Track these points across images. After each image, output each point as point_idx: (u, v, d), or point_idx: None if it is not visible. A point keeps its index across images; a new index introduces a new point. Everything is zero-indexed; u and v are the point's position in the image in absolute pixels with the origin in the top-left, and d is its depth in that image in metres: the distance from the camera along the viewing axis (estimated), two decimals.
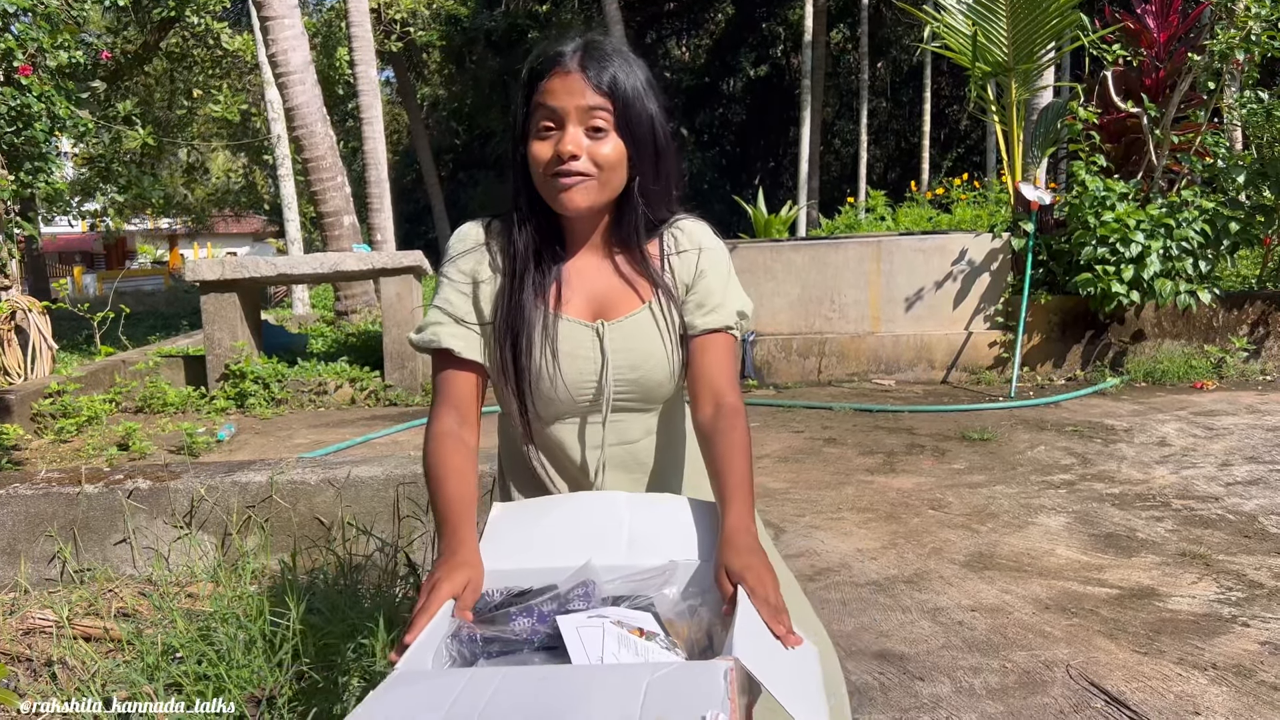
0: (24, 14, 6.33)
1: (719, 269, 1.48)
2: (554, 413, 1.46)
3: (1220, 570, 3.06)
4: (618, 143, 1.36)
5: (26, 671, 2.28)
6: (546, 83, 1.34)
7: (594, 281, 1.47)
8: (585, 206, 1.38)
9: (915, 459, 4.73)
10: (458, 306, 1.45)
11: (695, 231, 1.50)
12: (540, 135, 1.35)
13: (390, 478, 2.92)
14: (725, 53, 24.06)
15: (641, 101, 1.37)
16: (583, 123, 1.34)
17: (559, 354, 1.42)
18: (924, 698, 2.28)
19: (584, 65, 1.33)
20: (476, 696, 0.92)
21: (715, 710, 0.86)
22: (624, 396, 1.46)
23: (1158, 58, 7.58)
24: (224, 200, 26.78)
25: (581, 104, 1.33)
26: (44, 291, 13.44)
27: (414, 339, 1.47)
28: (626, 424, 1.48)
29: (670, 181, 1.46)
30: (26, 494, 2.87)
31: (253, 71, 16.76)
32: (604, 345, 1.43)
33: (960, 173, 15.45)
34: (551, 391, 1.43)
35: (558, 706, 0.90)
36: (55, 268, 27.92)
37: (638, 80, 1.37)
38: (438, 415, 1.41)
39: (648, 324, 1.45)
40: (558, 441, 1.48)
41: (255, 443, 5.63)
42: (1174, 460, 4.47)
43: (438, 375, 1.45)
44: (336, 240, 9.58)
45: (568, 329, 1.43)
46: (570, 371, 1.42)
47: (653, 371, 1.45)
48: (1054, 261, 6.91)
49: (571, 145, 1.33)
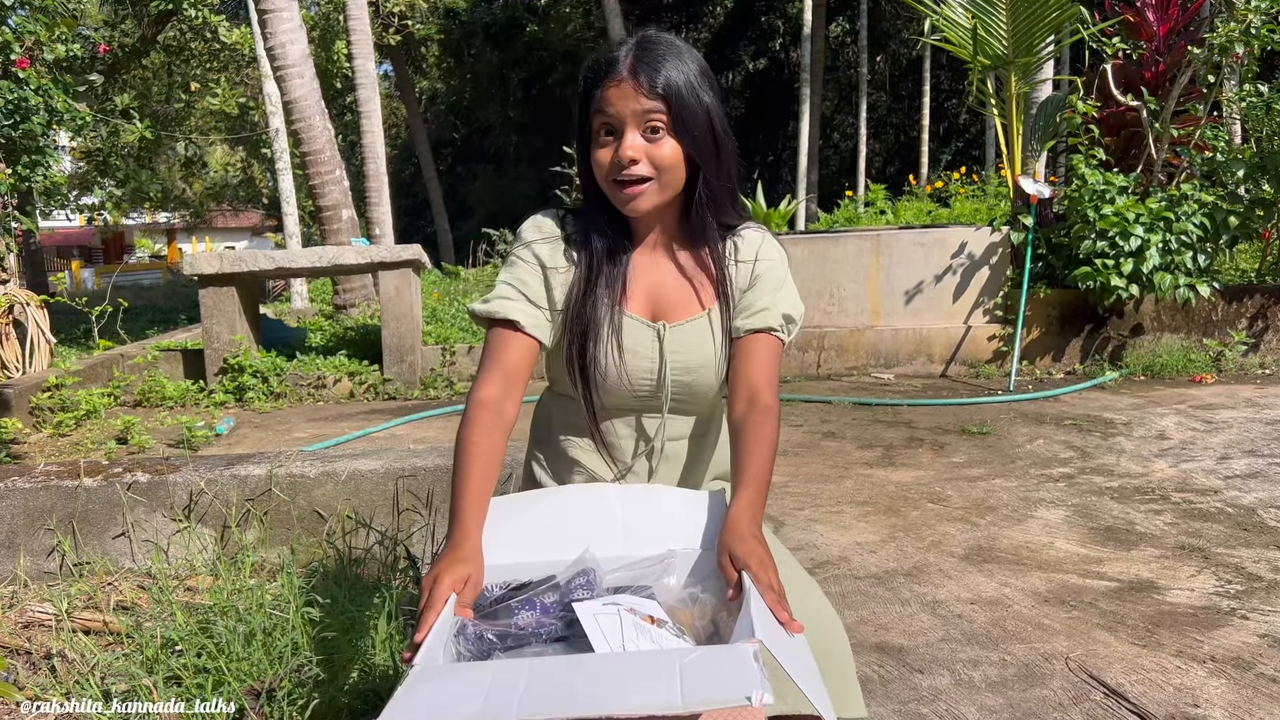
0: (21, 7, 6.31)
1: (775, 274, 1.53)
2: (614, 403, 1.51)
3: (1219, 563, 3.07)
4: (674, 143, 1.40)
5: (26, 664, 2.28)
6: (602, 92, 1.39)
7: (655, 279, 1.52)
8: (649, 209, 1.44)
9: (914, 452, 4.73)
10: (530, 286, 1.49)
11: (755, 239, 1.55)
12: (601, 142, 1.41)
13: (389, 471, 2.92)
14: (724, 46, 24.01)
15: (696, 97, 1.40)
16: (639, 126, 1.38)
17: (622, 348, 1.47)
18: (923, 690, 2.28)
19: (635, 71, 1.37)
20: (510, 687, 0.92)
21: (758, 690, 0.87)
22: (676, 397, 1.51)
23: (1157, 51, 7.56)
24: (222, 194, 26.78)
25: (636, 109, 1.37)
26: (42, 285, 13.43)
27: (478, 309, 1.49)
28: (673, 423, 1.54)
29: (732, 175, 1.50)
30: (25, 487, 2.87)
31: (251, 65, 16.73)
32: (663, 347, 1.48)
33: (959, 166, 15.45)
34: (610, 386, 1.48)
35: (597, 693, 0.90)
36: (53, 262, 27.88)
37: (690, 76, 1.40)
38: (485, 379, 1.44)
39: (704, 331, 1.51)
40: (611, 432, 1.53)
41: (254, 436, 5.63)
42: (1173, 453, 4.48)
43: (494, 340, 1.47)
44: (335, 234, 9.56)
45: (631, 326, 1.49)
46: (632, 366, 1.48)
47: (703, 377, 1.51)
48: (1053, 255, 6.91)
49: (630, 151, 1.38)
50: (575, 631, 1.12)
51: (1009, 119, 7.10)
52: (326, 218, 9.64)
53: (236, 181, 26.40)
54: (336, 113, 19.01)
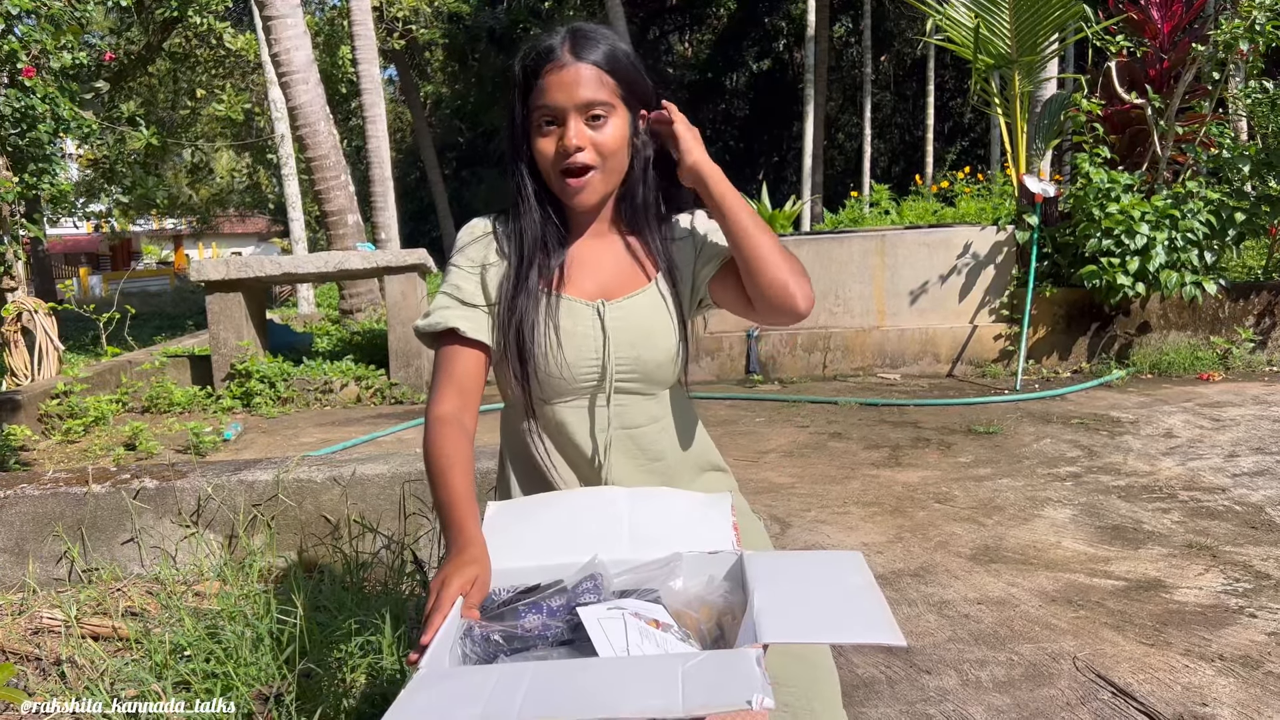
0: (27, 16, 6.33)
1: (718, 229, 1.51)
2: (555, 391, 1.47)
3: (1227, 561, 3.06)
4: (618, 126, 1.41)
5: (35, 670, 2.29)
6: (543, 80, 1.38)
7: (599, 264, 1.50)
8: (594, 202, 1.45)
9: (921, 452, 4.73)
10: (465, 291, 1.48)
11: (690, 218, 1.55)
12: (543, 131, 1.40)
13: (396, 475, 2.93)
14: (728, 47, 24.02)
15: (639, 72, 1.43)
16: (582, 114, 1.38)
17: (560, 331, 1.45)
18: (930, 690, 2.28)
19: (577, 53, 1.37)
20: (512, 690, 0.93)
21: (759, 694, 0.87)
22: (625, 376, 1.47)
23: (1162, 48, 7.55)
24: (228, 200, 26.85)
25: (578, 99, 1.37)
26: (50, 293, 13.48)
27: (420, 324, 1.49)
28: (629, 407, 1.49)
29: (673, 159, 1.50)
30: (34, 494, 2.88)
31: (256, 71, 16.78)
32: (605, 324, 1.45)
33: (964, 166, 15.43)
34: (553, 369, 1.45)
35: (597, 697, 0.90)
36: (61, 269, 28.00)
37: (630, 56, 1.43)
38: (439, 397, 1.43)
39: (650, 303, 1.49)
40: (560, 423, 1.49)
41: (261, 441, 5.65)
42: (1180, 452, 4.46)
43: (441, 356, 1.47)
44: (341, 239, 9.59)
45: (569, 307, 1.46)
46: (570, 349, 1.45)
47: (652, 351, 1.47)
48: (1059, 254, 6.89)
49: (575, 139, 1.38)
50: (581, 635, 1.12)
51: (1013, 118, 7.09)
52: (332, 223, 9.66)
53: (242, 187, 26.46)
54: (342, 118, 19.06)
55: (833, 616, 1.06)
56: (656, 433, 1.52)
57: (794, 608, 1.08)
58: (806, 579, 1.16)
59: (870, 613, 1.04)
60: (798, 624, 1.05)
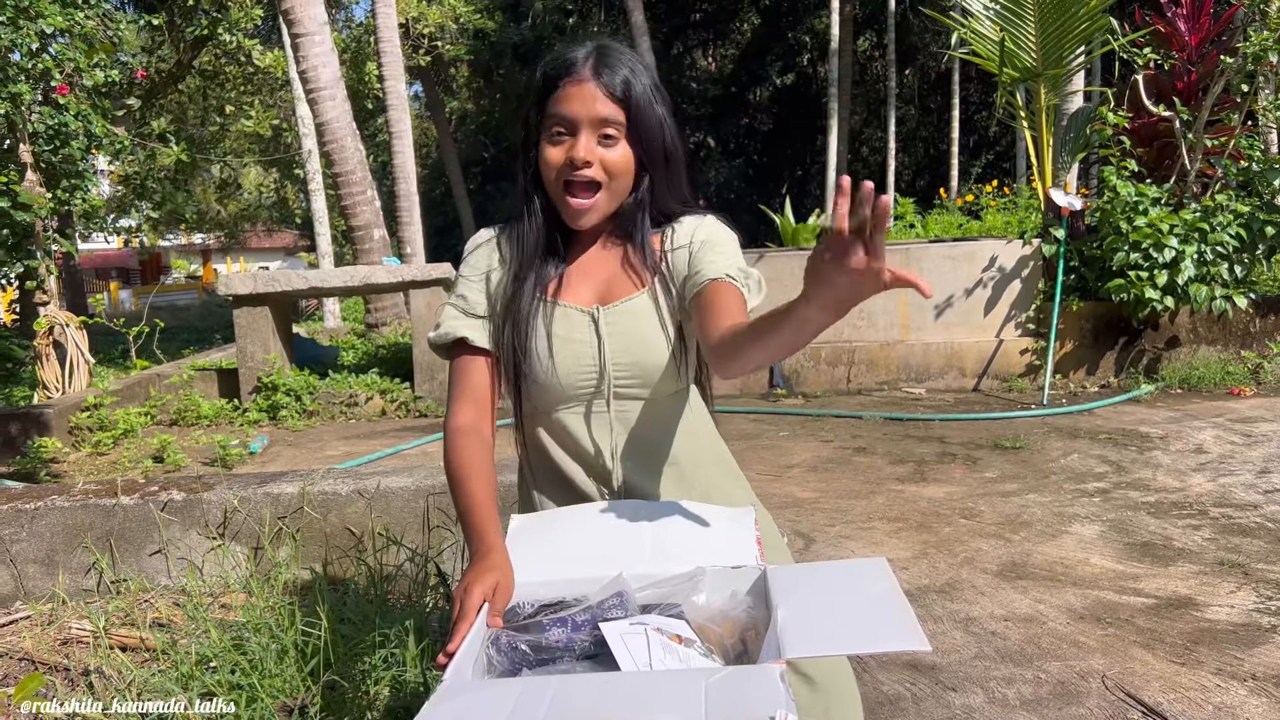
0: (61, 35, 6.45)
1: (715, 242, 1.46)
2: (551, 399, 1.47)
3: (1259, 579, 3.01)
4: (627, 150, 1.40)
5: (64, 681, 2.31)
6: (561, 90, 1.38)
7: (596, 273, 1.50)
8: (594, 224, 1.44)
9: (946, 467, 4.69)
10: (470, 300, 1.50)
11: (691, 224, 1.50)
12: (553, 140, 1.39)
13: (420, 488, 2.94)
14: (751, 62, 24.05)
15: (651, 107, 1.41)
16: (595, 131, 1.38)
17: (553, 337, 1.45)
18: (957, 708, 2.26)
19: (597, 72, 1.37)
20: (535, 704, 0.93)
21: (782, 710, 0.87)
22: (625, 381, 1.46)
23: (1189, 61, 7.49)
24: (256, 215, 27.12)
25: (594, 114, 1.37)
26: (81, 307, 13.67)
27: (431, 337, 1.51)
28: (632, 413, 1.49)
29: (681, 184, 1.49)
30: (64, 505, 2.91)
31: (284, 88, 16.97)
32: (599, 329, 1.45)
33: (990, 179, 15.35)
34: (547, 377, 1.45)
35: (621, 711, 0.91)
36: (92, 283, 28.37)
37: (646, 86, 1.41)
38: (456, 409, 1.44)
39: (644, 309, 1.47)
40: (565, 428, 1.49)
41: (287, 454, 5.68)
42: (1211, 468, 4.40)
43: (454, 368, 1.48)
44: (367, 253, 9.66)
45: (564, 314, 1.47)
46: (565, 356, 1.45)
47: (650, 356, 1.46)
48: (1086, 267, 6.84)
49: (584, 152, 1.37)
50: (605, 650, 1.12)
51: (1039, 131, 7.05)
52: (358, 237, 9.74)
53: (270, 202, 26.75)
54: (368, 134, 19.24)
55: (855, 627, 1.05)
56: (667, 437, 1.51)
57: (817, 621, 1.07)
58: (829, 590, 1.15)
59: (892, 620, 1.03)
60: (820, 637, 1.04)
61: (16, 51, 6.10)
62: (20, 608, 2.77)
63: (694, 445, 1.55)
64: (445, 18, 18.49)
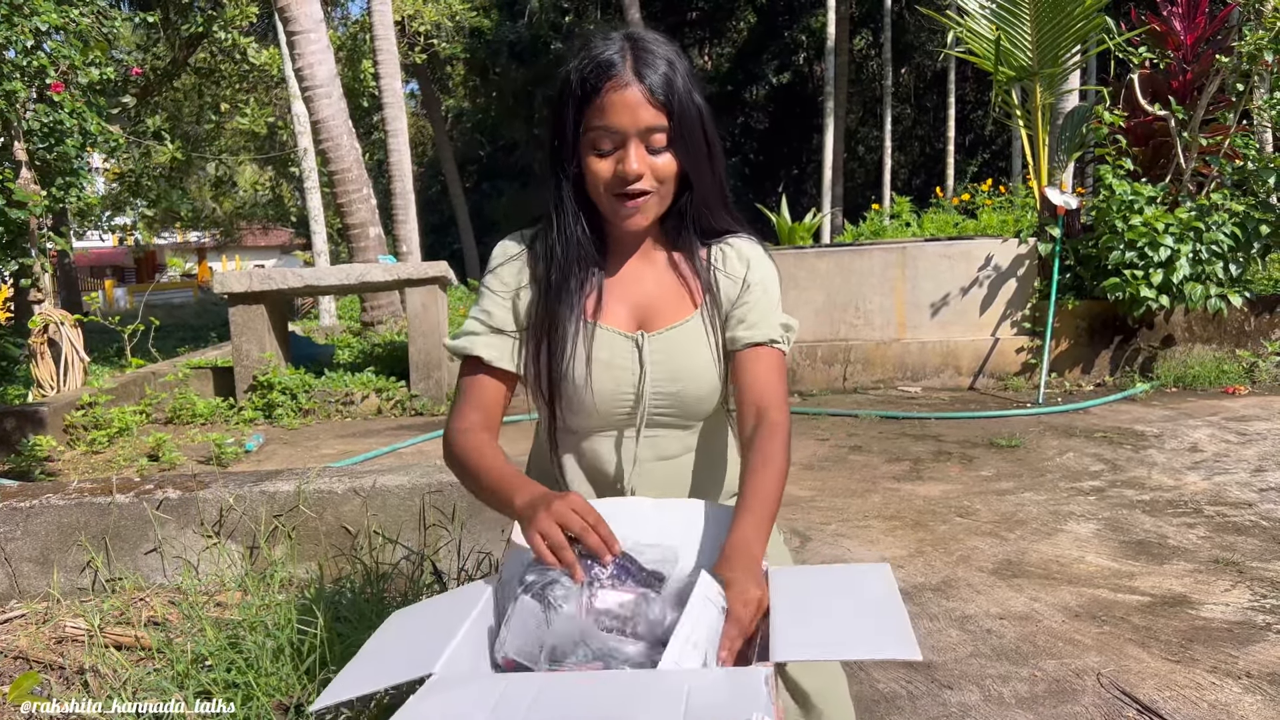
0: (56, 32, 6.43)
1: (766, 286, 1.45)
2: (587, 425, 1.43)
3: (1254, 577, 3.02)
4: (673, 154, 1.34)
5: (59, 679, 2.30)
6: (602, 98, 1.30)
7: (637, 290, 1.44)
8: (647, 225, 1.38)
9: (942, 466, 4.70)
10: (495, 316, 1.44)
11: (745, 249, 1.47)
12: (600, 151, 1.33)
13: (416, 486, 2.94)
14: (748, 61, 24.07)
15: (692, 102, 1.34)
16: (643, 139, 1.32)
17: (594, 362, 1.40)
18: (952, 706, 2.26)
19: (639, 74, 1.30)
20: (518, 701, 0.94)
21: (760, 714, 0.87)
22: (662, 411, 1.42)
23: (1185, 60, 7.50)
24: (252, 213, 27.06)
25: (641, 123, 1.30)
26: (76, 305, 13.62)
27: (450, 344, 1.47)
28: (664, 440, 1.45)
29: (723, 181, 1.43)
30: (59, 504, 2.91)
31: (279, 85, 16.93)
32: (643, 356, 1.40)
33: (986, 178, 15.36)
34: (583, 402, 1.40)
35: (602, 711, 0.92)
36: (87, 281, 28.30)
37: (686, 78, 1.34)
38: (461, 414, 1.41)
39: (693, 335, 1.43)
40: (592, 453, 1.45)
41: (283, 453, 5.68)
42: (1206, 466, 4.41)
43: (465, 379, 1.44)
44: (362, 252, 9.65)
45: (605, 338, 1.41)
46: (605, 381, 1.40)
47: (694, 385, 1.42)
48: (1081, 266, 6.85)
49: (637, 164, 1.31)
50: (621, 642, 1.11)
51: (1035, 130, 7.06)
52: (354, 235, 9.73)
53: (265, 200, 26.68)
54: (364, 131, 19.20)
55: (849, 633, 1.05)
56: (689, 464, 1.48)
57: (812, 624, 1.07)
58: (828, 594, 1.15)
59: (887, 627, 1.03)
60: (812, 642, 1.04)
61: (11, 49, 6.08)
62: (15, 606, 2.77)
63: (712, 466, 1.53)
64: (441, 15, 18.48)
